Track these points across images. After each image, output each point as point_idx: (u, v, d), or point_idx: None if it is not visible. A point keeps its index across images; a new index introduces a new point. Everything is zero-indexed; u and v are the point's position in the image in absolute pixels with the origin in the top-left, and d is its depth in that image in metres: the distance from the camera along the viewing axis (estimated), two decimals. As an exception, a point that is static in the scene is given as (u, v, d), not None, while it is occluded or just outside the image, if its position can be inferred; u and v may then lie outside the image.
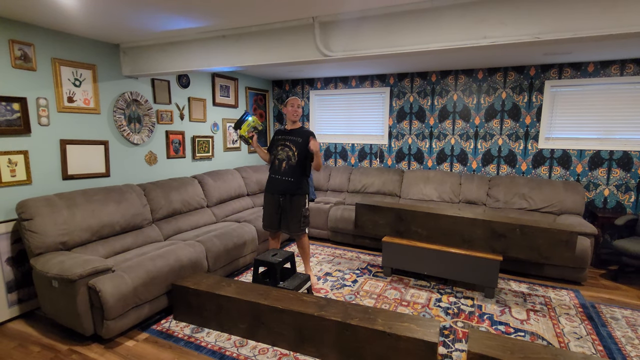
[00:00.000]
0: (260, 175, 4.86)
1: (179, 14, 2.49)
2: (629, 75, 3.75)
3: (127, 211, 3.05)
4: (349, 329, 2.14)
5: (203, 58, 3.03)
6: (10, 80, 2.64)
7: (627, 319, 2.79)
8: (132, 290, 2.40)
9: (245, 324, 2.44)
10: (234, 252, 3.39)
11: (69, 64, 2.98)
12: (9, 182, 2.64)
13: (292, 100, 3.11)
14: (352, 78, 5.16)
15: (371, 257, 4.03)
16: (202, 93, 4.43)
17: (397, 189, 4.65)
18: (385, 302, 2.98)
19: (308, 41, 2.59)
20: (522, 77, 4.21)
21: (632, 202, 3.89)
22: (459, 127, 4.61)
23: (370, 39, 2.41)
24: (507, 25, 2.05)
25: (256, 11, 2.42)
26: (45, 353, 2.31)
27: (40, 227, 2.50)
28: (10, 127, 2.63)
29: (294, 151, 3.04)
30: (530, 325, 2.67)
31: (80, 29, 2.86)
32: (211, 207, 4.04)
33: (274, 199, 3.12)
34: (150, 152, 3.75)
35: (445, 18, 2.19)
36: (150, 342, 2.43)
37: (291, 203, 3.08)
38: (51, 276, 2.27)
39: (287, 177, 3.05)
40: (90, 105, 3.16)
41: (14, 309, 2.67)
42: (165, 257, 2.72)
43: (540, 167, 4.26)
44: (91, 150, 3.18)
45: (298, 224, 3.10)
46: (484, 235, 3.12)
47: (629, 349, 2.40)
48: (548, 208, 3.88)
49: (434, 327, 2.09)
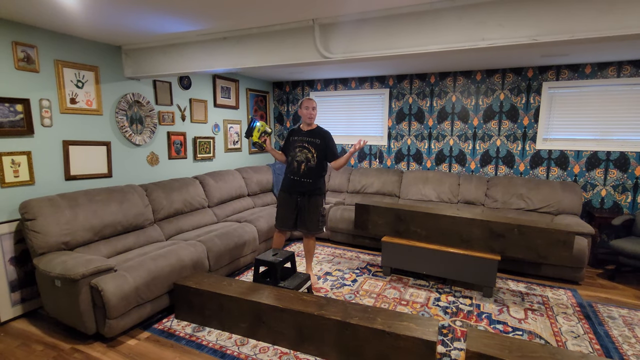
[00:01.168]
0: (261, 175, 4.89)
1: (180, 17, 2.52)
2: (626, 77, 3.79)
3: (129, 211, 3.07)
4: (348, 328, 2.16)
5: (204, 60, 3.06)
6: (14, 82, 2.67)
7: (623, 318, 2.82)
8: (134, 289, 2.42)
9: (246, 323, 2.47)
10: (234, 251, 3.42)
11: (71, 65, 3.00)
12: (12, 182, 2.66)
13: (307, 102, 3.08)
14: (352, 79, 5.19)
15: (371, 257, 4.06)
16: (204, 94, 4.46)
17: (396, 189, 4.68)
18: (384, 302, 3.00)
19: (308, 43, 2.62)
20: (520, 79, 4.24)
21: (629, 202, 3.92)
22: (458, 128, 4.64)
23: (369, 40, 2.44)
24: (505, 28, 2.07)
25: (256, 13, 2.45)
26: (48, 352, 2.33)
27: (43, 227, 2.53)
28: (13, 128, 2.65)
29: (313, 153, 3.06)
30: (528, 324, 2.70)
31: (83, 31, 2.89)
32: (212, 208, 4.07)
33: (292, 199, 3.14)
34: (152, 152, 3.78)
35: (444, 20, 2.21)
36: (152, 341, 2.46)
37: (309, 203, 3.11)
38: (54, 276, 2.29)
39: (306, 178, 3.07)
40: (92, 106, 3.19)
41: (17, 308, 2.69)
42: (166, 257, 2.75)
43: (538, 167, 4.29)
44: (93, 151, 3.20)
45: (317, 223, 3.15)
46: (482, 235, 3.15)
47: (625, 347, 2.43)
48: (546, 208, 3.91)
49: (432, 326, 2.11)
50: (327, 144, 3.09)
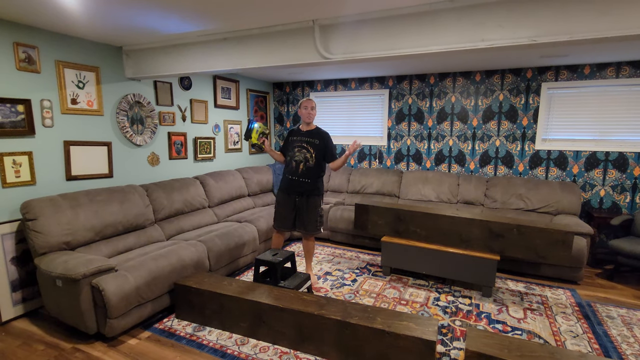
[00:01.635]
0: (261, 176, 4.90)
1: (181, 17, 2.53)
2: (625, 78, 3.80)
3: (130, 211, 3.08)
4: (348, 327, 2.17)
5: (204, 60, 3.07)
6: (15, 82, 2.68)
7: (622, 317, 2.83)
8: (135, 289, 2.43)
9: (246, 323, 2.47)
10: (235, 251, 3.43)
11: (72, 66, 3.01)
12: (13, 182, 2.67)
13: (306, 103, 3.11)
14: (352, 80, 5.20)
15: (370, 257, 4.07)
16: (204, 95, 4.47)
17: (396, 189, 4.69)
18: (384, 301, 3.02)
19: (308, 44, 2.63)
20: (519, 79, 4.26)
21: (628, 202, 3.93)
22: (457, 128, 4.65)
23: (369, 41, 2.45)
24: (505, 28, 2.08)
25: (257, 14, 2.46)
26: (49, 351, 2.34)
27: (44, 227, 2.53)
28: (14, 128, 2.66)
29: (312, 153, 3.07)
30: (527, 323, 2.71)
31: (84, 32, 2.90)
32: (213, 208, 4.08)
33: (290, 199, 3.15)
34: (153, 153, 3.79)
35: (444, 21, 2.22)
36: (152, 340, 2.47)
37: (308, 204, 3.12)
38: (55, 275, 2.30)
39: (304, 178, 3.08)
40: (93, 107, 3.20)
41: (18, 308, 2.70)
42: (167, 257, 2.76)
43: (537, 168, 4.30)
44: (94, 151, 3.21)
45: (315, 223, 3.16)
46: (481, 235, 3.16)
47: (624, 347, 2.44)
48: (545, 208, 3.92)
49: (432, 326, 2.12)
50: (326, 144, 3.10)
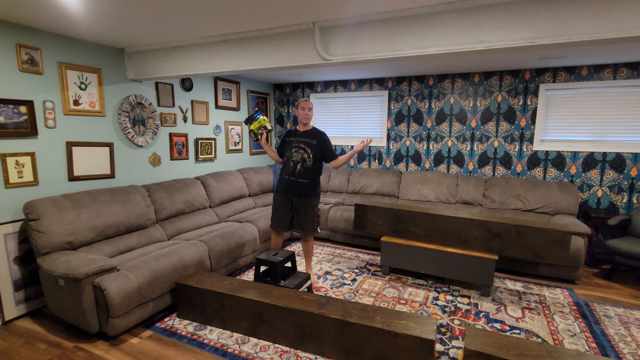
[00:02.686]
0: (262, 176, 4.92)
1: (182, 19, 2.56)
2: (622, 79, 3.83)
3: (132, 212, 3.11)
4: (348, 326, 2.19)
5: (206, 62, 3.09)
6: (18, 84, 2.70)
7: (619, 316, 2.85)
8: (137, 288, 2.45)
9: (247, 322, 2.49)
10: (236, 251, 3.45)
11: (74, 67, 3.04)
12: (16, 183, 2.70)
13: (303, 103, 3.13)
14: (352, 81, 5.23)
15: (370, 257, 4.09)
16: (205, 96, 4.49)
17: (395, 189, 4.72)
18: (383, 301, 3.04)
19: (308, 45, 2.65)
20: (518, 81, 4.29)
21: (625, 202, 3.96)
22: (456, 129, 4.68)
23: (369, 43, 2.47)
24: (503, 30, 2.10)
25: (257, 16, 2.48)
26: (51, 350, 2.36)
27: (46, 227, 2.56)
28: (17, 129, 2.69)
29: (309, 153, 3.08)
30: (525, 323, 2.73)
31: (86, 33, 2.92)
32: (214, 208, 4.10)
33: (287, 200, 3.16)
34: (154, 153, 3.81)
35: (443, 23, 2.24)
36: (154, 339, 2.49)
37: (305, 204, 3.13)
38: (57, 275, 2.32)
39: (301, 179, 3.09)
40: (95, 108, 3.22)
41: (21, 307, 2.72)
42: (168, 257, 2.78)
43: (535, 168, 4.33)
44: (96, 152, 3.24)
45: (312, 224, 3.17)
46: (480, 235, 3.18)
47: (621, 346, 2.46)
48: (543, 208, 3.95)
49: (431, 325, 2.14)
50: (323, 144, 3.12)
